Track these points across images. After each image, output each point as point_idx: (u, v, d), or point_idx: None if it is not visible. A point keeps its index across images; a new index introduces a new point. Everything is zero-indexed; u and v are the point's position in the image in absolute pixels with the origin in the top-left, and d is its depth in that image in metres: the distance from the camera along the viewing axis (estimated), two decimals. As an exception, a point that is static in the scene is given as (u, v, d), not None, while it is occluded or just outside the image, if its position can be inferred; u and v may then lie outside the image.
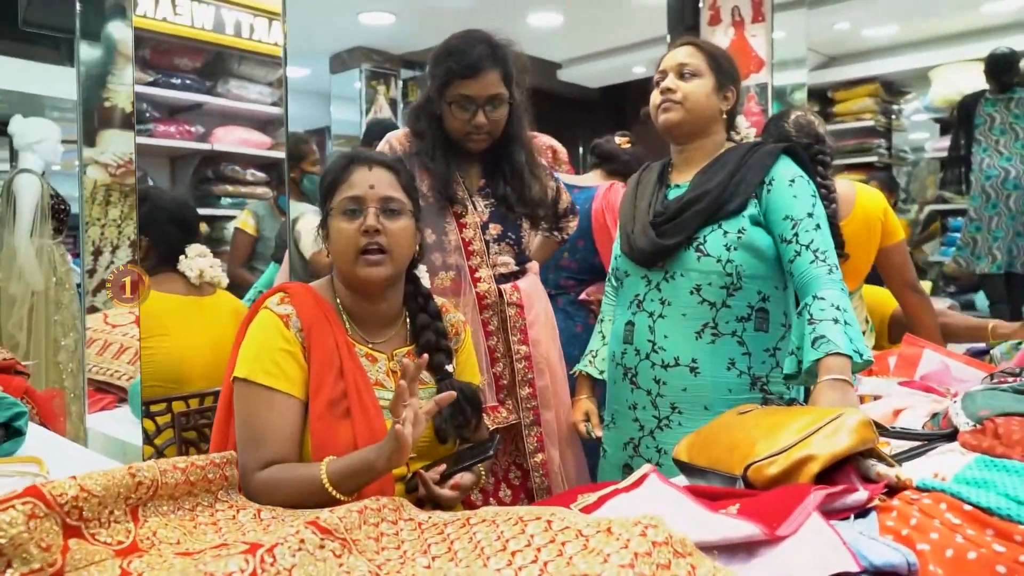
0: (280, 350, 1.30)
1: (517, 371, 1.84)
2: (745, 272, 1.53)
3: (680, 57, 1.63)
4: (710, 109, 1.62)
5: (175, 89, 3.33)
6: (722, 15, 3.72)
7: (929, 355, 1.81)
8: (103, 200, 2.59)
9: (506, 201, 1.85)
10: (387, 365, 1.41)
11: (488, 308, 1.81)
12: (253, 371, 1.28)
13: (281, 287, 1.39)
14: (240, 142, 3.56)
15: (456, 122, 1.77)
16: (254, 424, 1.26)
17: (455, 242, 1.80)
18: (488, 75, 1.74)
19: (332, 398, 1.29)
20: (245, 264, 3.43)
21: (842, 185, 2.31)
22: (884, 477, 1.02)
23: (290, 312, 1.34)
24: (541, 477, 1.86)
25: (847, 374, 1.31)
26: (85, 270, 2.51)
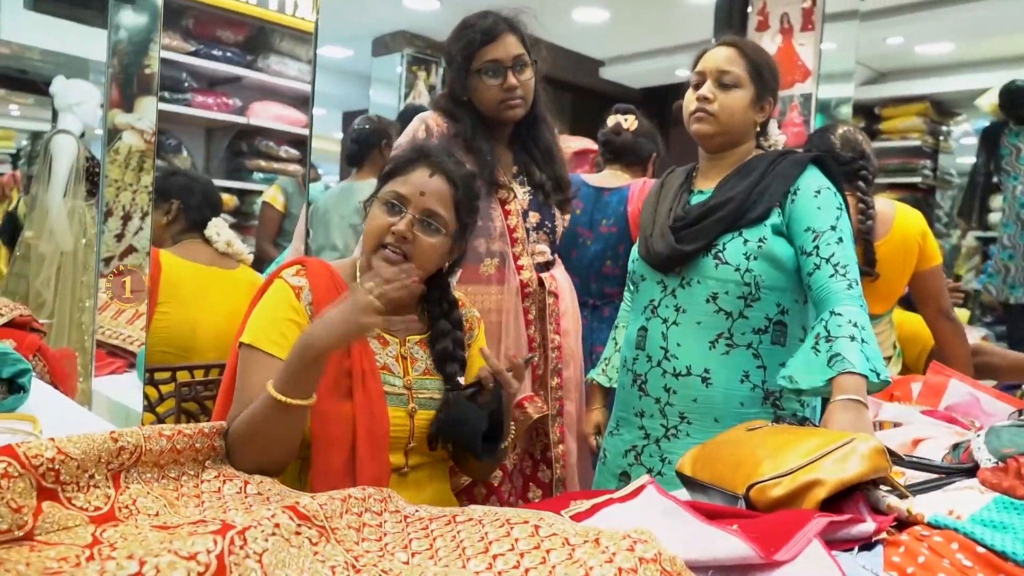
0: (288, 320, 1.29)
1: (550, 360, 1.84)
2: (764, 283, 1.48)
3: (721, 62, 1.56)
4: (745, 123, 1.57)
5: (215, 61, 3.34)
6: (771, 21, 3.64)
7: (956, 385, 1.74)
8: (136, 166, 2.60)
9: (543, 188, 1.85)
10: (398, 350, 1.39)
11: (529, 297, 1.81)
12: (259, 338, 1.27)
13: (299, 260, 1.38)
14: (276, 118, 3.57)
15: (489, 91, 1.77)
16: (251, 387, 1.23)
17: (500, 228, 1.79)
18: (508, 37, 1.77)
19: (336, 377, 1.27)
20: (272, 240, 3.43)
21: (881, 204, 2.25)
22: (895, 509, 0.97)
23: (303, 285, 1.33)
24: (560, 468, 1.85)
25: (862, 394, 1.25)
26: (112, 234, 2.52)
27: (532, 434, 1.87)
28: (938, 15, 4.45)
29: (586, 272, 2.43)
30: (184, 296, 2.09)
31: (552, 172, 1.86)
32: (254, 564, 0.74)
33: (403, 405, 1.35)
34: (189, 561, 0.68)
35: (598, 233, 2.43)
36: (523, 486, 1.87)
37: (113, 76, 2.76)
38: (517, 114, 1.80)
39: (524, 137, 1.87)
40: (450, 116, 1.84)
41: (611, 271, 2.51)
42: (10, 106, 4.10)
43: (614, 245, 2.44)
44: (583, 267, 2.43)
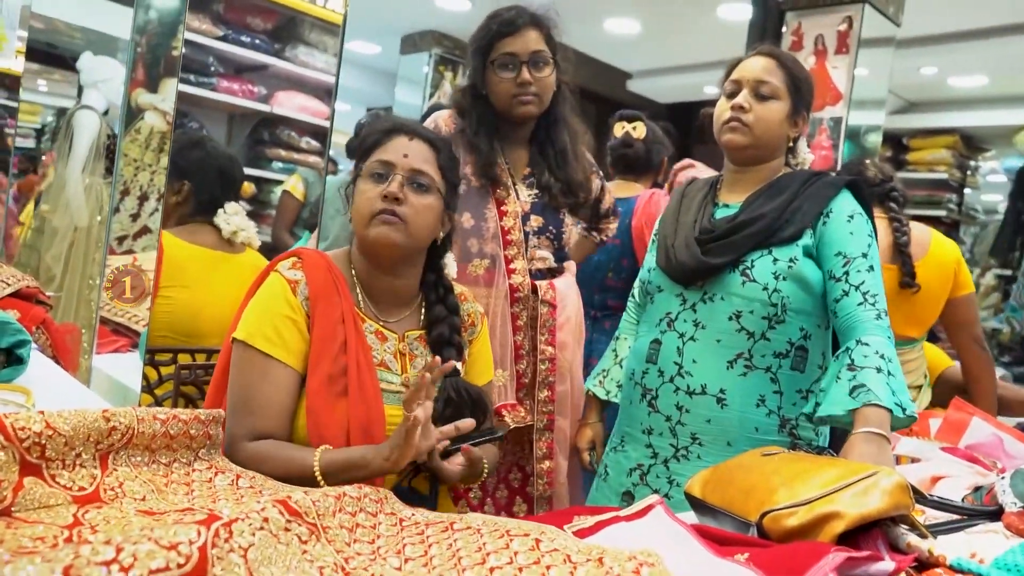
0: (283, 316, 1.25)
1: (539, 372, 1.77)
2: (791, 305, 1.43)
3: (759, 72, 1.51)
4: (779, 137, 1.52)
5: (243, 47, 3.32)
6: (805, 42, 3.59)
7: (978, 423, 1.68)
8: (157, 147, 2.58)
9: (550, 190, 1.79)
10: (396, 346, 1.35)
11: (519, 302, 1.75)
12: (252, 335, 1.24)
13: (295, 251, 1.35)
14: (300, 109, 3.54)
15: (502, 84, 1.73)
16: (247, 391, 1.22)
17: (493, 229, 1.74)
18: (528, 32, 1.72)
19: (331, 374, 1.24)
20: (289, 228, 3.41)
21: (918, 228, 2.27)
22: (915, 549, 0.92)
23: (299, 278, 1.29)
24: (544, 485, 1.79)
25: (885, 428, 1.20)
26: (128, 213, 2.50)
27: (524, 446, 1.81)
28: (974, 47, 4.39)
29: (588, 283, 2.39)
30: (188, 280, 2.05)
31: (565, 175, 1.80)
32: (238, 559, 0.70)
33: (400, 403, 1.31)
34: (170, 551, 0.64)
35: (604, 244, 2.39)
36: (509, 498, 1.82)
37: (140, 56, 2.74)
38: (529, 111, 1.75)
39: (542, 138, 1.82)
40: (461, 112, 1.81)
41: (613, 283, 2.47)
42: (38, 81, 4.10)
43: (617, 257, 2.40)
44: (585, 278, 2.40)
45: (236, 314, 1.31)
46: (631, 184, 2.54)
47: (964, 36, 4.36)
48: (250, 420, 1.20)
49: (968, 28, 4.31)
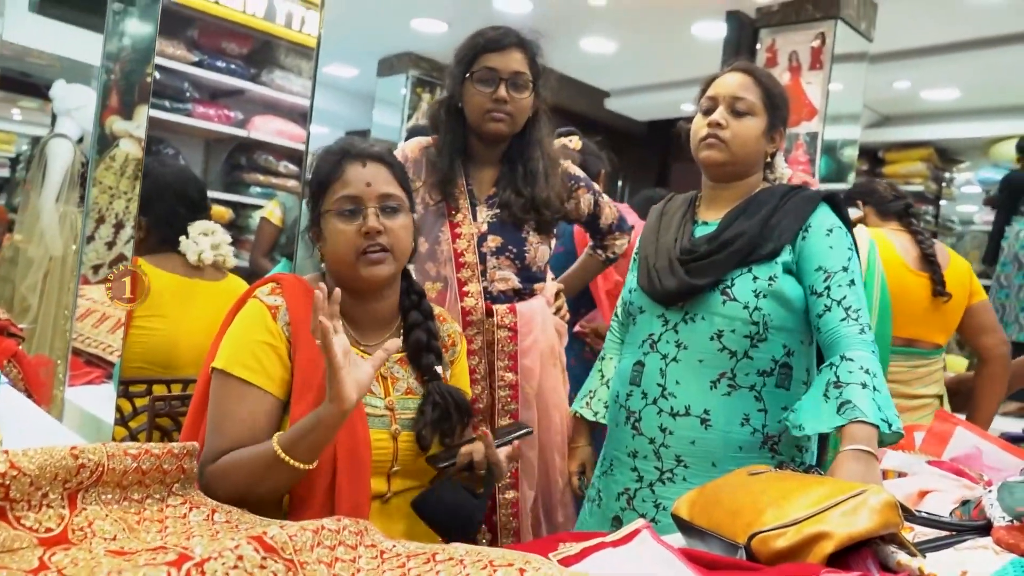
0: (262, 343, 1.23)
1: (499, 399, 1.73)
2: (772, 322, 1.42)
3: (735, 88, 1.51)
4: (756, 153, 1.52)
5: (219, 72, 3.31)
6: (779, 58, 3.63)
7: (961, 434, 1.68)
8: (132, 174, 2.55)
9: (510, 207, 1.76)
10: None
11: (473, 326, 1.71)
12: (231, 363, 1.21)
13: (274, 277, 1.33)
14: (277, 133, 3.53)
15: (478, 97, 1.71)
16: (224, 416, 1.19)
17: (447, 252, 1.72)
18: (513, 52, 1.72)
19: (315, 398, 1.21)
20: (267, 254, 3.38)
21: (937, 243, 2.38)
22: (905, 568, 0.91)
23: (279, 304, 1.27)
24: (508, 516, 1.74)
25: (873, 445, 1.19)
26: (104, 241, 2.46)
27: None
28: (945, 61, 4.46)
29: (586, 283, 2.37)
30: (164, 309, 2.00)
31: (531, 192, 1.76)
32: (210, 601, 0.67)
33: (385, 427, 1.29)
34: (137, 596, 0.62)
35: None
36: None
37: (114, 83, 2.72)
38: (499, 128, 1.73)
39: (514, 158, 1.80)
40: (434, 127, 1.81)
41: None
42: (12, 109, 4.06)
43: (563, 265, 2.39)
44: None
45: (214, 342, 1.29)
46: None
47: (935, 50, 4.42)
48: (222, 443, 1.18)
49: (939, 43, 4.37)
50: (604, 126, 6.52)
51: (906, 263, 2.29)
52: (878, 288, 2.14)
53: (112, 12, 2.70)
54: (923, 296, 2.28)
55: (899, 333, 2.25)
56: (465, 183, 1.77)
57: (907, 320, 2.26)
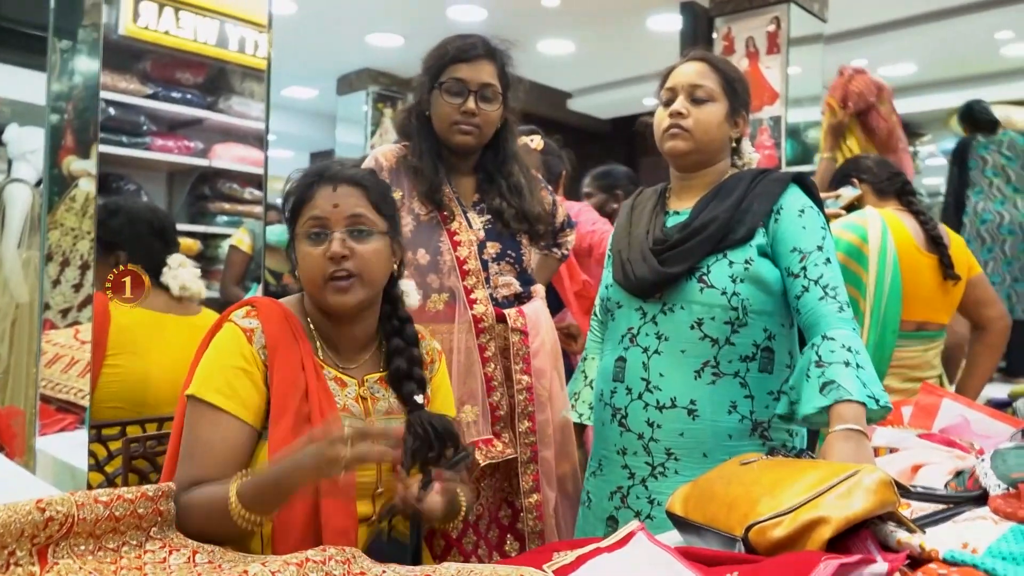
0: (236, 368, 1.19)
1: (517, 403, 1.71)
2: (751, 307, 1.41)
3: (693, 76, 1.50)
4: (721, 139, 1.51)
5: (175, 103, 3.25)
6: (736, 46, 3.64)
7: (949, 405, 1.68)
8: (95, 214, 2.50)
9: (501, 215, 1.75)
10: (357, 391, 1.30)
11: (485, 332, 1.69)
12: (203, 388, 1.18)
13: (249, 300, 1.30)
14: (239, 159, 3.47)
15: (445, 108, 1.69)
16: (196, 442, 1.16)
17: (450, 262, 1.69)
18: (483, 63, 1.70)
19: (296, 423, 1.18)
20: (238, 283, 3.33)
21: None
22: (905, 545, 0.89)
23: (255, 327, 1.23)
24: (534, 520, 1.72)
25: (861, 423, 1.18)
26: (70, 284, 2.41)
27: (512, 481, 1.75)
28: (900, 37, 4.50)
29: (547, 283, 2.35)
30: (137, 347, 1.95)
31: (519, 203, 1.76)
32: (190, 651, 0.64)
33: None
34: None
35: None
36: (500, 537, 1.75)
37: (68, 122, 2.67)
38: (467, 141, 1.72)
39: (490, 168, 1.79)
40: (406, 135, 1.78)
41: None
42: (-34, 156, 3.99)
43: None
44: None
45: (189, 369, 1.25)
46: None
47: (890, 26, 4.47)
48: (193, 470, 1.14)
49: (893, 18, 4.42)
50: (569, 127, 6.52)
51: (917, 245, 2.23)
52: (890, 271, 2.11)
53: (60, 51, 2.65)
54: (932, 278, 2.22)
55: (910, 317, 2.18)
56: (451, 189, 1.75)
57: (918, 303, 2.20)
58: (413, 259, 1.67)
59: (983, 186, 4.10)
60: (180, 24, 3.05)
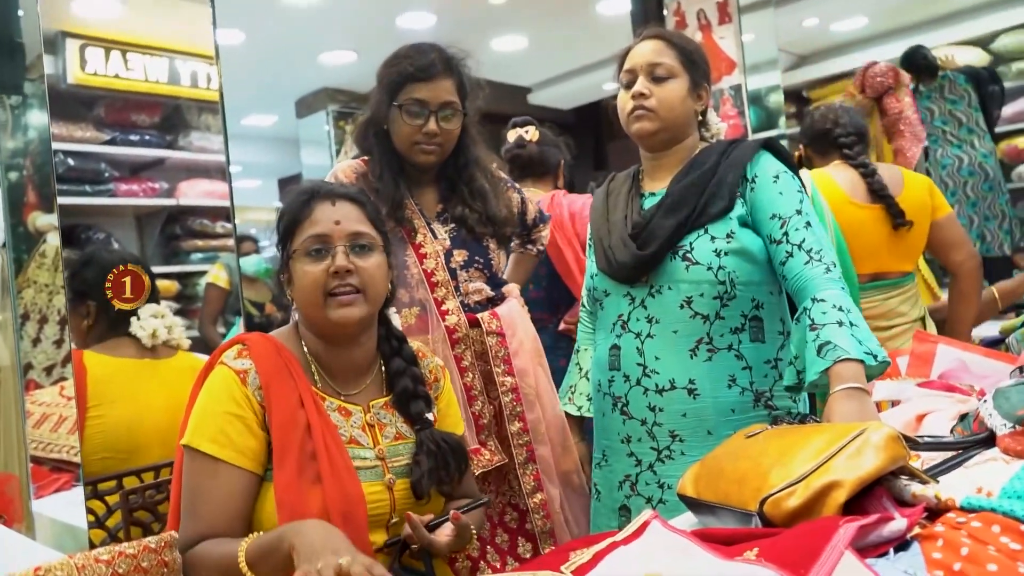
0: (228, 414, 1.16)
1: (505, 405, 1.69)
2: (739, 279, 1.40)
3: (650, 55, 1.48)
4: (686, 114, 1.49)
5: (134, 146, 3.21)
6: (687, 19, 3.64)
7: (944, 350, 1.68)
8: (62, 267, 2.47)
9: (465, 222, 1.73)
10: (363, 418, 1.27)
11: (460, 342, 1.67)
12: (197, 438, 1.15)
13: (239, 338, 1.25)
14: (206, 195, 3.44)
15: (406, 128, 1.66)
16: (196, 495, 1.13)
17: (418, 275, 1.67)
18: (442, 81, 1.65)
19: (301, 462, 1.15)
20: (215, 320, 3.30)
21: (888, 168, 2.34)
22: (921, 498, 0.88)
23: (248, 367, 1.20)
24: (542, 519, 1.71)
25: (861, 381, 1.17)
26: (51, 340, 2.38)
27: (512, 485, 1.73)
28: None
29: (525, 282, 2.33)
30: (116, 395, 1.93)
31: (483, 208, 1.74)
32: None
33: (379, 478, 1.23)
34: None
35: None
36: (511, 543, 1.74)
37: (28, 178, 2.62)
38: (430, 160, 1.70)
39: (452, 177, 1.76)
40: (365, 151, 1.75)
41: (536, 295, 2.41)
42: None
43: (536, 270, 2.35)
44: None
45: (184, 414, 1.22)
46: (530, 189, 2.49)
47: (836, -18, 4.49)
48: (197, 525, 1.12)
49: (839, -26, 4.44)
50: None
51: (852, 199, 2.24)
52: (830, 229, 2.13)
53: (10, 108, 2.61)
54: (880, 229, 2.24)
55: (862, 270, 2.22)
56: (413, 203, 1.73)
57: (867, 255, 2.23)
58: None
59: (937, 135, 4.13)
60: (129, 66, 3.01)
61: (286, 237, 1.28)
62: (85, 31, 2.81)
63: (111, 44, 2.90)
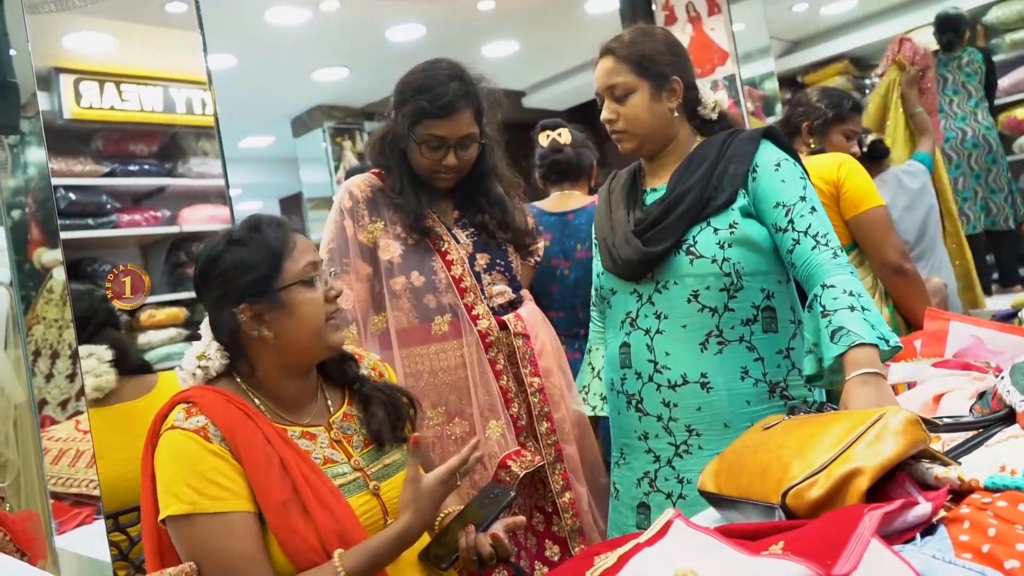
0: (213, 468, 1.13)
1: (533, 405, 1.70)
2: (744, 269, 1.39)
3: (604, 78, 1.49)
4: (658, 120, 1.49)
5: (134, 176, 3.23)
6: (677, 13, 3.64)
7: (957, 327, 1.66)
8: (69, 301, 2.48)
9: (485, 227, 1.75)
10: (328, 437, 1.28)
11: (492, 346, 1.67)
12: (194, 503, 1.10)
13: (180, 397, 1.20)
14: (209, 220, 3.45)
15: (424, 161, 1.68)
16: (224, 559, 1.10)
17: (445, 280, 1.68)
18: (462, 115, 1.64)
19: (283, 499, 1.14)
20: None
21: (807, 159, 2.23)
22: (944, 480, 0.88)
23: (204, 423, 1.16)
24: (571, 518, 1.71)
25: (877, 365, 1.16)
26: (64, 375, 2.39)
27: (537, 487, 1.74)
28: (835, -27, 4.51)
29: (570, 303, 2.31)
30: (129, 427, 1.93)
31: (501, 217, 1.76)
32: None
33: (363, 488, 1.24)
34: None
35: (575, 260, 2.31)
36: (539, 545, 1.74)
37: (31, 215, 2.64)
38: (447, 185, 1.73)
39: (468, 187, 1.77)
40: (381, 166, 1.76)
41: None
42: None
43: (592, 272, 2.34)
44: (566, 298, 2.31)
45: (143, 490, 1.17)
46: (571, 193, 2.45)
47: (824, -35, 4.48)
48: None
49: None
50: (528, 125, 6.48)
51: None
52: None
53: (9, 147, 2.62)
54: None
55: None
56: (432, 213, 1.74)
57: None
58: (407, 282, 1.67)
59: (943, 104, 4.11)
60: (124, 97, 3.03)
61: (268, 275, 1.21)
62: (78, 65, 2.83)
63: (105, 77, 2.91)
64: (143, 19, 2.88)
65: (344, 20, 4.36)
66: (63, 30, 2.69)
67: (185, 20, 2.71)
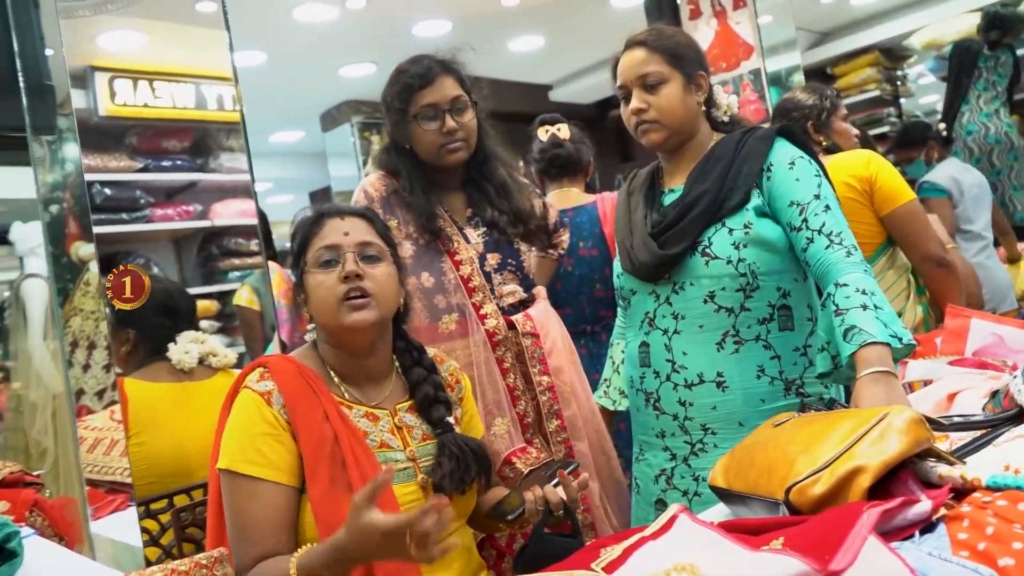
0: (262, 434, 1.21)
1: (542, 404, 1.73)
2: (760, 269, 1.40)
3: (637, 66, 1.49)
4: (689, 112, 1.50)
5: (167, 172, 3.30)
6: (702, 7, 3.62)
7: (978, 325, 1.66)
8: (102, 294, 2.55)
9: (496, 224, 1.77)
10: (391, 422, 1.32)
11: (500, 345, 1.71)
12: (235, 461, 1.20)
13: (260, 361, 1.31)
14: (240, 214, 3.51)
15: (427, 135, 1.71)
16: (241, 518, 1.18)
17: (454, 281, 1.71)
18: (444, 80, 1.71)
19: (332, 474, 1.19)
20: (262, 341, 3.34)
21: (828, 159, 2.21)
22: (947, 479, 0.89)
23: (271, 388, 1.25)
24: (583, 513, 1.74)
25: (888, 364, 1.17)
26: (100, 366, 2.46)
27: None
28: (864, -37, 4.45)
29: (576, 300, 2.34)
30: (158, 420, 1.99)
31: (509, 206, 1.79)
32: None
33: (411, 479, 1.28)
34: None
35: (579, 257, 2.33)
36: None
37: (69, 210, 2.72)
38: (460, 157, 1.74)
39: (476, 177, 1.81)
40: (392, 171, 1.79)
41: (602, 294, 2.41)
42: (-21, 260, 4.06)
43: (599, 268, 2.35)
44: (571, 295, 2.34)
45: (215, 441, 1.27)
46: (569, 191, 2.46)
47: (854, -46, 4.42)
48: (249, 548, 1.16)
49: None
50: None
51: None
52: None
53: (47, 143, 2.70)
54: None
55: None
56: (443, 211, 1.78)
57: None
58: (417, 283, 1.70)
59: (971, 97, 4.08)
60: (157, 94, 3.09)
61: (299, 256, 1.33)
62: (113, 64, 2.89)
63: (138, 75, 2.98)
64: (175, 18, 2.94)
65: (371, 17, 4.40)
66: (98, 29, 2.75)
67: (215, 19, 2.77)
